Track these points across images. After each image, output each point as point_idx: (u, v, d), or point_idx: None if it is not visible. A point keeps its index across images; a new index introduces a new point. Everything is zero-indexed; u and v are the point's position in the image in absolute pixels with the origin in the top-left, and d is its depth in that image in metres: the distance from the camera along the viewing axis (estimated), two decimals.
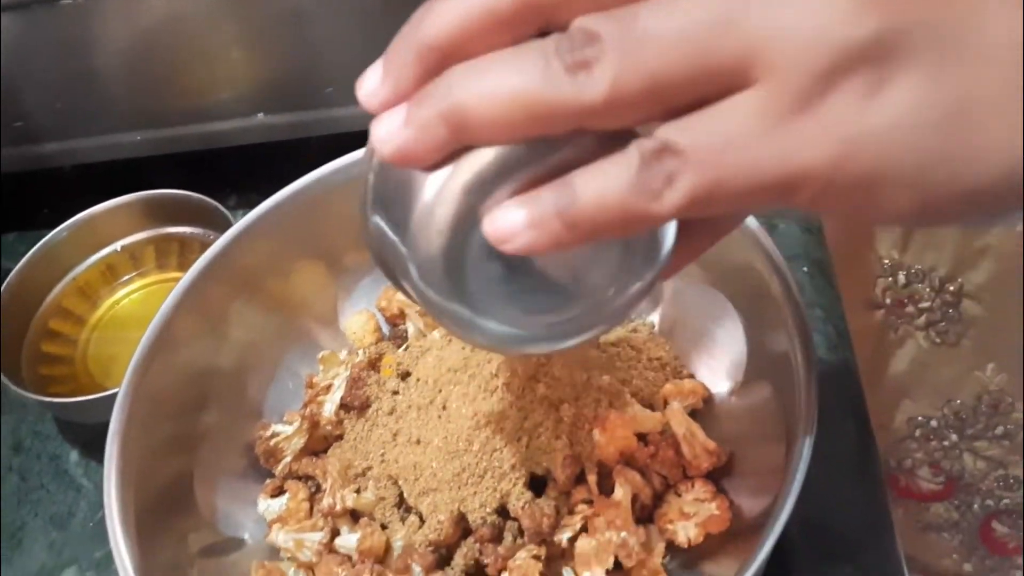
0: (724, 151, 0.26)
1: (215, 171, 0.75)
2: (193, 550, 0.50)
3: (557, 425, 0.50)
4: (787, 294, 0.47)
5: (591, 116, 0.26)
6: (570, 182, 0.27)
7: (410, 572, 0.49)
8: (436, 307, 0.32)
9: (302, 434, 0.55)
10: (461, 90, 0.27)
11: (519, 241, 0.27)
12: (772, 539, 0.40)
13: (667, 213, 0.26)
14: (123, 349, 0.69)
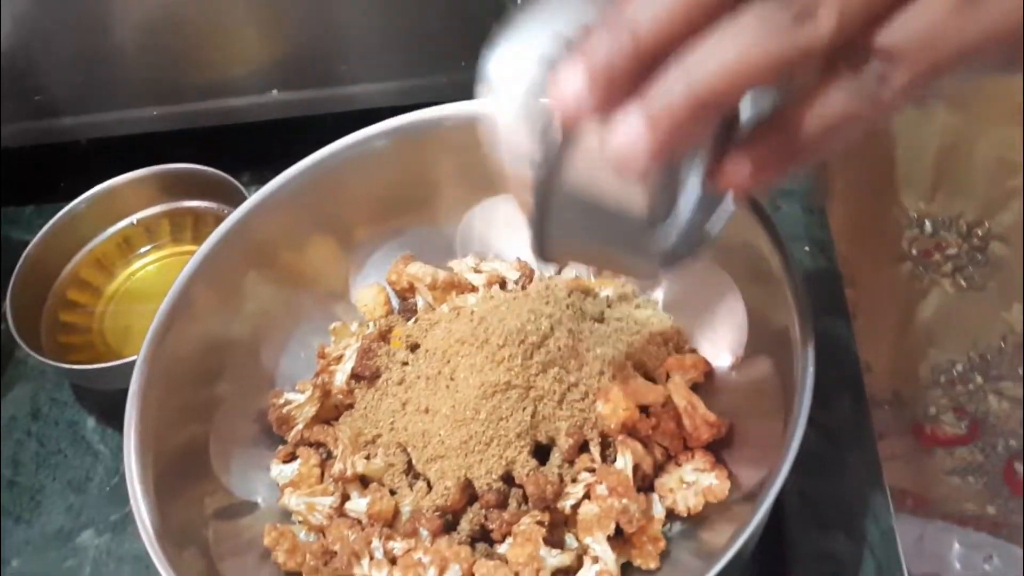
0: (933, 41, 0.29)
1: (229, 147, 0.76)
2: (208, 512, 0.52)
3: (562, 396, 0.52)
4: (788, 271, 0.48)
5: (819, 54, 0.28)
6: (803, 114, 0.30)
7: (418, 536, 0.51)
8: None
9: (314, 402, 0.56)
10: (701, 74, 0.28)
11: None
12: (766, 505, 0.42)
13: (891, 107, 0.30)
14: (139, 320, 0.70)
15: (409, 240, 0.63)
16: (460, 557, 0.48)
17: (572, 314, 0.54)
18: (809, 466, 0.51)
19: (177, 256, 0.74)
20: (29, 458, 0.66)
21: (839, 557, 0.51)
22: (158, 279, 0.73)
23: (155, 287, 0.72)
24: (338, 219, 0.62)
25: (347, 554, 0.49)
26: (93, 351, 0.68)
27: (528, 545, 0.48)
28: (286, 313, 0.61)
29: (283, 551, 0.51)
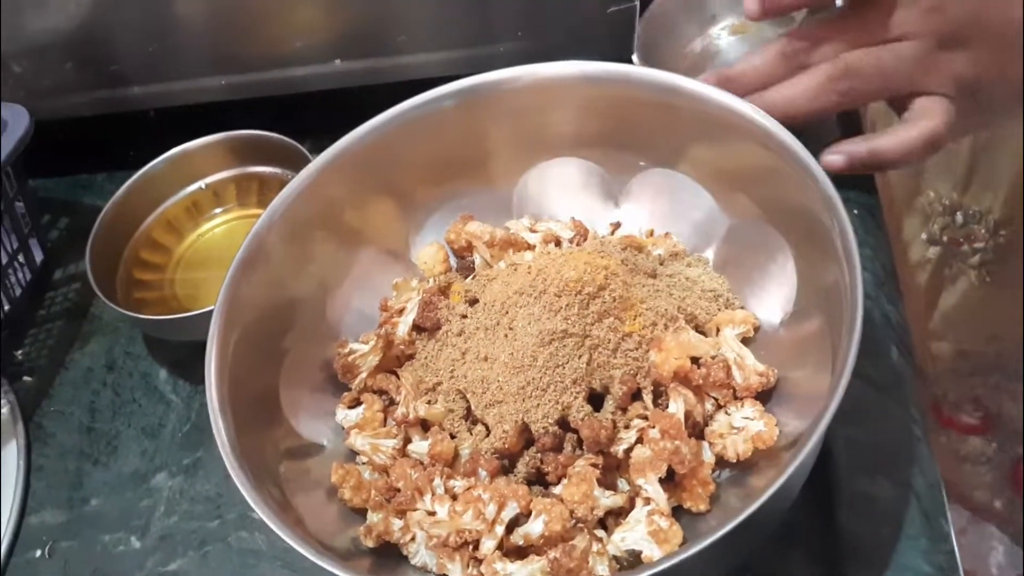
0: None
1: (291, 116, 0.79)
2: (281, 450, 0.55)
3: (616, 345, 0.54)
4: (839, 229, 0.50)
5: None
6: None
7: (477, 476, 0.53)
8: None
9: (377, 352, 0.59)
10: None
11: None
12: (811, 444, 0.44)
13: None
14: (206, 278, 0.74)
15: (467, 201, 0.66)
16: (518, 494, 0.51)
17: (626, 268, 0.56)
18: (855, 415, 0.53)
19: (243, 219, 0.77)
20: (106, 406, 0.69)
21: (885, 501, 0.53)
22: (225, 240, 0.76)
23: (222, 248, 0.76)
24: (399, 180, 0.64)
25: (411, 490, 0.52)
26: (165, 306, 0.72)
27: (583, 484, 0.50)
28: (350, 269, 0.63)
29: (349, 488, 0.54)
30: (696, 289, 0.58)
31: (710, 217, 0.61)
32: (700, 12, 0.78)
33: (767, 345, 0.57)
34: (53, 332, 0.75)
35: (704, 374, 0.54)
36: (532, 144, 0.64)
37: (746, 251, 0.59)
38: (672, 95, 0.59)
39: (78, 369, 0.72)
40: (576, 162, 0.65)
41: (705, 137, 0.59)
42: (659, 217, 0.64)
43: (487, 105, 0.63)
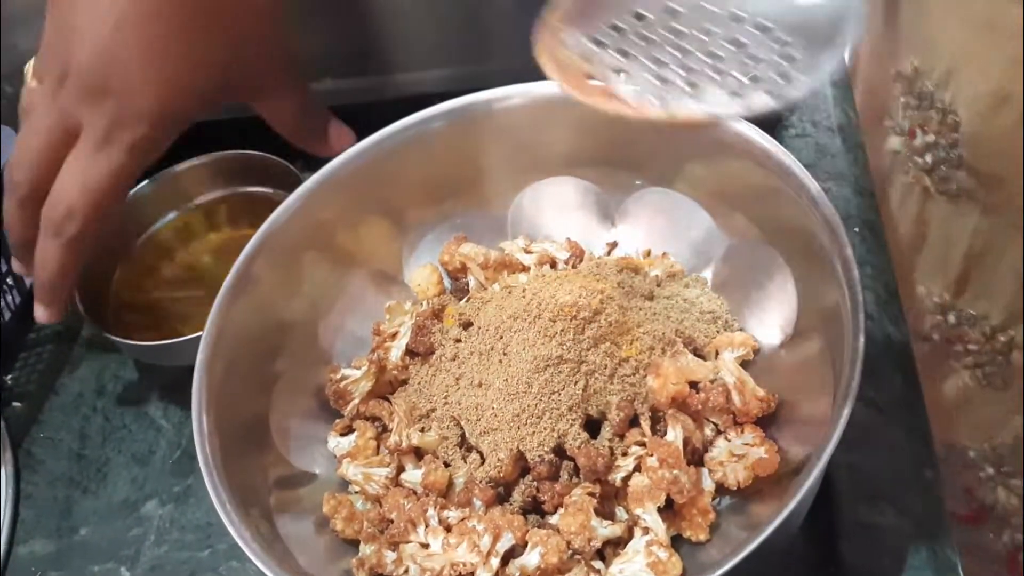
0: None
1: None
2: (270, 481, 0.54)
3: (613, 370, 0.53)
4: (839, 250, 0.49)
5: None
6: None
7: (471, 505, 0.52)
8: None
9: (370, 377, 0.58)
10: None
11: None
12: (814, 476, 0.43)
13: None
14: (197, 302, 0.72)
15: (461, 222, 0.65)
16: (514, 525, 0.49)
17: (623, 291, 0.55)
18: (858, 441, 0.52)
19: (235, 240, 0.76)
20: (96, 432, 0.68)
21: (889, 530, 0.51)
22: (218, 262, 0.75)
23: (215, 270, 0.74)
24: (392, 201, 0.63)
25: (403, 521, 0.51)
26: (156, 331, 0.70)
27: (580, 515, 0.49)
28: (342, 292, 0.62)
29: (341, 519, 0.53)
30: (694, 311, 0.57)
31: (708, 237, 0.60)
32: None
33: (767, 368, 0.56)
34: (43, 356, 0.74)
35: (703, 399, 0.53)
36: (526, 163, 0.64)
37: (745, 272, 0.58)
38: None
39: (68, 394, 0.71)
40: (571, 181, 0.64)
41: (702, 156, 0.58)
42: (656, 237, 0.63)
43: (480, 125, 0.62)
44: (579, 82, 0.43)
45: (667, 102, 0.41)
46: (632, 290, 0.56)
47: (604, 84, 0.42)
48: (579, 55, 0.43)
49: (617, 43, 0.44)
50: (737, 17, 0.43)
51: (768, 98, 0.40)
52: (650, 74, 0.42)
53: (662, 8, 0.44)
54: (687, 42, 0.43)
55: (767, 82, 0.40)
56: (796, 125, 0.72)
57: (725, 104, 0.41)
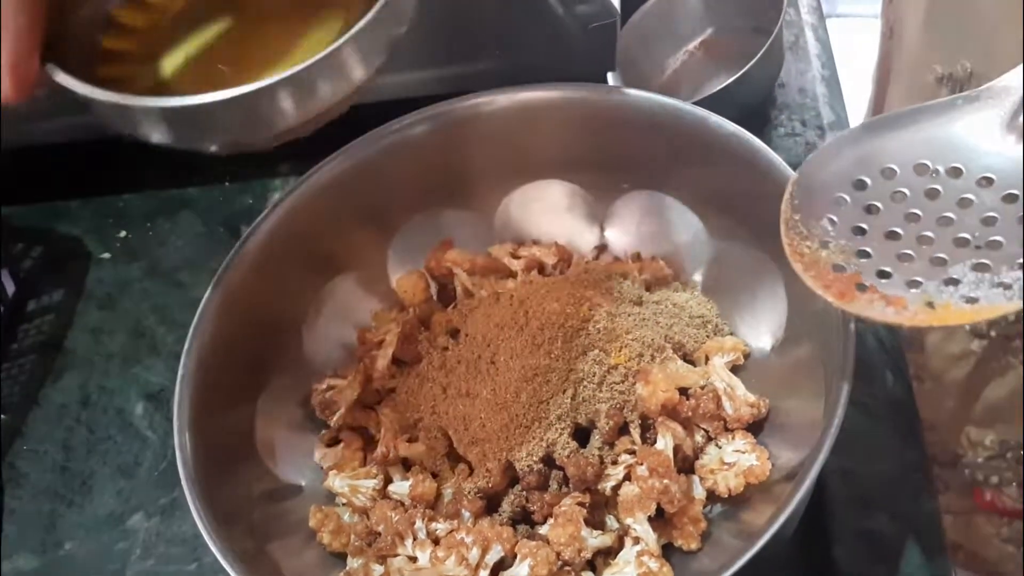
0: None
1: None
2: (255, 494, 0.53)
3: (602, 378, 0.52)
4: None
5: None
6: None
7: (460, 517, 0.51)
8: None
9: (356, 387, 0.57)
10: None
11: None
12: (807, 485, 0.42)
13: None
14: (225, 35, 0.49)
15: (447, 226, 0.64)
16: (502, 537, 0.49)
17: (611, 297, 0.55)
18: (851, 446, 0.51)
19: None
20: (80, 444, 0.67)
21: (882, 537, 0.51)
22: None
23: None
24: (378, 206, 0.62)
25: (391, 534, 0.50)
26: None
27: (569, 525, 0.48)
28: (327, 299, 0.61)
29: (328, 532, 0.52)
30: (684, 316, 0.57)
31: (697, 240, 0.59)
32: (677, 27, 0.76)
33: (757, 373, 0.55)
34: (26, 367, 0.72)
35: (693, 406, 0.52)
36: (513, 167, 0.63)
37: (735, 275, 0.58)
38: (654, 116, 0.57)
39: (52, 405, 0.70)
40: (559, 184, 0.63)
41: (690, 158, 0.57)
42: (645, 240, 0.62)
43: (466, 128, 0.61)
44: (828, 280, 0.42)
45: (932, 303, 0.40)
46: (620, 296, 0.56)
47: (851, 274, 0.42)
48: (818, 244, 0.43)
49: (847, 220, 0.43)
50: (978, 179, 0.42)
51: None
52: (892, 259, 0.41)
53: (882, 173, 0.43)
54: (916, 209, 0.42)
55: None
56: (785, 124, 0.71)
57: (1000, 300, 0.39)
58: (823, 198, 0.43)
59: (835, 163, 0.44)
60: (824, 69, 0.75)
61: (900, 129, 0.44)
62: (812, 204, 0.43)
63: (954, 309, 0.39)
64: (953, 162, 0.42)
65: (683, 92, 0.75)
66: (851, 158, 0.44)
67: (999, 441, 0.77)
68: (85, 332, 0.74)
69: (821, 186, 0.44)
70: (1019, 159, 0.41)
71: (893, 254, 0.41)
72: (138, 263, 0.77)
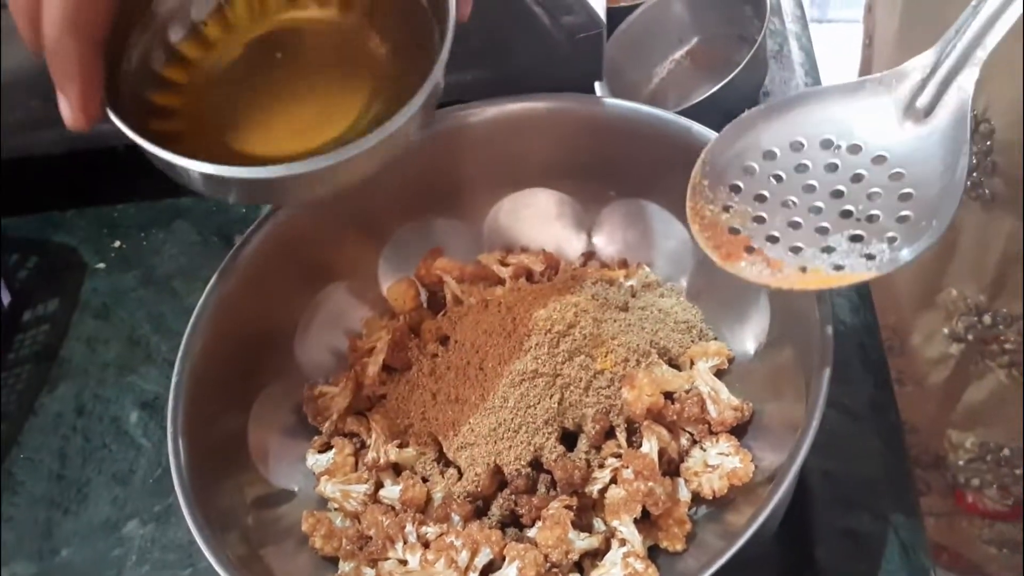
0: None
1: None
2: (248, 500, 0.54)
3: (588, 383, 0.53)
4: None
5: None
6: None
7: (450, 521, 0.52)
8: None
9: (347, 394, 0.58)
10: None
11: None
12: (787, 484, 0.43)
13: None
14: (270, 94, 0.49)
15: (437, 234, 0.65)
16: (491, 540, 0.50)
17: (597, 303, 0.56)
18: (833, 447, 0.53)
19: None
20: (76, 452, 0.68)
21: (864, 536, 0.52)
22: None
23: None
24: (368, 215, 0.63)
25: (382, 538, 0.51)
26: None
27: (557, 528, 0.49)
28: (319, 307, 0.62)
29: (320, 536, 0.53)
30: (669, 321, 0.57)
31: (682, 247, 0.60)
32: (665, 36, 0.77)
33: (741, 377, 0.56)
34: (21, 376, 0.73)
35: (678, 410, 0.53)
36: (501, 176, 0.64)
37: (719, 281, 0.58)
38: (640, 125, 0.58)
39: (47, 414, 0.71)
40: (546, 193, 0.64)
41: (674, 167, 0.57)
42: (631, 247, 0.63)
43: (455, 138, 0.62)
44: (720, 241, 0.45)
45: (806, 267, 0.43)
46: (607, 302, 0.57)
47: (743, 237, 0.45)
48: (720, 208, 0.46)
49: (752, 187, 0.46)
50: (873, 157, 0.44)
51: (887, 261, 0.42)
52: (784, 226, 0.44)
53: (790, 145, 0.46)
54: (814, 180, 0.45)
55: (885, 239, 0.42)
56: None
57: (861, 269, 0.42)
58: (733, 166, 0.46)
59: (749, 134, 0.47)
60: (807, 77, 0.76)
61: (813, 105, 0.46)
62: (722, 171, 0.46)
63: (822, 275, 0.42)
64: (854, 139, 0.45)
65: (670, 100, 0.76)
66: (764, 130, 0.47)
67: (979, 443, 0.78)
68: (80, 341, 0.75)
69: (733, 154, 0.47)
70: (909, 140, 0.44)
71: (785, 221, 0.44)
72: (133, 272, 0.78)
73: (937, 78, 0.44)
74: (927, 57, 0.44)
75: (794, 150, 0.46)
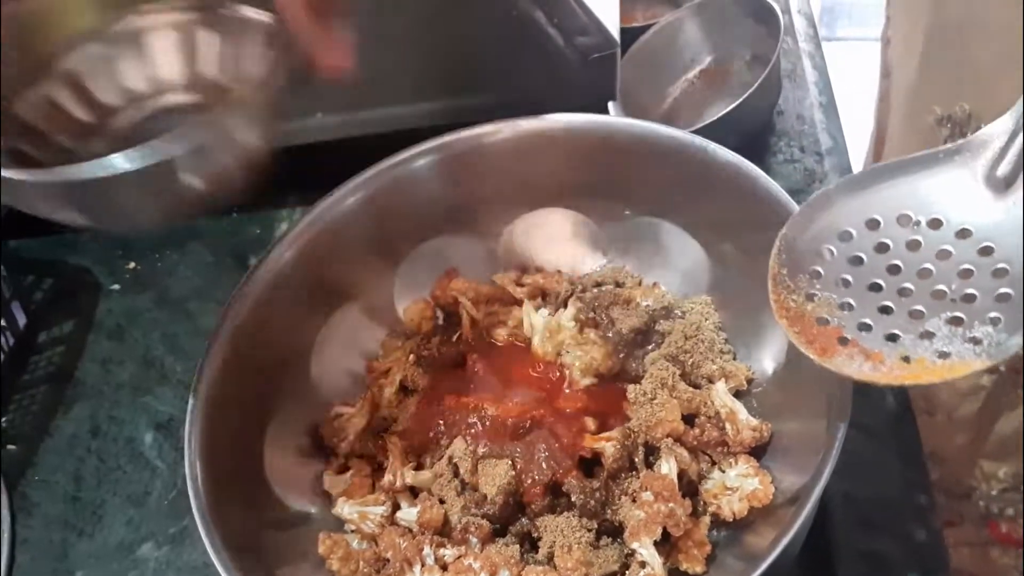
0: None
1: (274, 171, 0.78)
2: (264, 522, 0.53)
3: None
4: None
5: None
6: None
7: (468, 543, 0.52)
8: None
9: (364, 415, 0.58)
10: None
11: None
12: (808, 508, 0.43)
13: None
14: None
15: (453, 255, 0.65)
16: (510, 563, 0.49)
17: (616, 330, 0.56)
18: (852, 467, 0.52)
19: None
20: (91, 474, 0.68)
21: (885, 558, 0.51)
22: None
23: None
24: (384, 236, 0.63)
25: (399, 560, 0.51)
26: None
27: (576, 551, 0.49)
28: (335, 329, 0.62)
29: (337, 559, 0.52)
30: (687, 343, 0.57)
31: (697, 266, 0.60)
32: (678, 56, 0.78)
33: (760, 397, 0.56)
34: (37, 398, 0.73)
35: (697, 435, 0.53)
36: (516, 196, 0.64)
37: (736, 301, 0.58)
38: (654, 145, 0.58)
39: (62, 436, 0.71)
40: (561, 212, 0.64)
41: (689, 186, 0.58)
42: (647, 266, 0.63)
43: (470, 159, 0.62)
44: (812, 335, 0.42)
45: (908, 357, 0.40)
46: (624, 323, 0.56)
47: (835, 328, 0.42)
48: (804, 298, 0.43)
49: (833, 272, 0.43)
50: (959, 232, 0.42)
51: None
52: (873, 311, 0.42)
53: (866, 224, 0.44)
54: (898, 260, 0.43)
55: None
56: (784, 151, 0.72)
57: (970, 356, 0.39)
58: (810, 250, 0.44)
59: (822, 215, 0.45)
60: (821, 96, 0.76)
61: (884, 181, 0.44)
62: (799, 257, 0.44)
63: (928, 365, 0.40)
64: (934, 214, 0.43)
65: (683, 120, 0.76)
66: (837, 210, 0.44)
67: (1013, 473, 0.77)
68: (95, 362, 0.75)
69: (809, 238, 0.44)
70: (994, 212, 0.41)
71: (875, 307, 0.42)
72: (147, 294, 0.78)
73: (1016, 145, 0.41)
74: (1005, 122, 0.42)
75: (871, 229, 0.44)
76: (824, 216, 0.44)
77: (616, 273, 0.62)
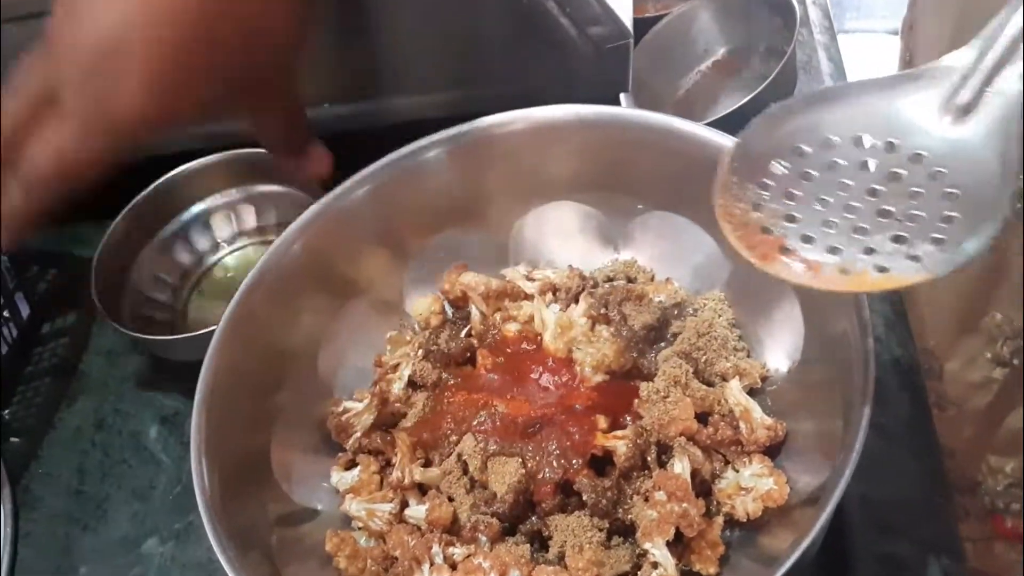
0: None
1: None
2: (271, 518, 0.53)
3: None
4: None
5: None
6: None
7: (477, 542, 0.51)
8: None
9: (372, 411, 0.57)
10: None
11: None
12: (827, 512, 0.42)
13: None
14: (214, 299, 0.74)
15: (462, 249, 0.64)
16: (520, 562, 0.48)
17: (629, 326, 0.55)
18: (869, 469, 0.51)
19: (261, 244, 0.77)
20: (95, 467, 0.67)
21: (903, 561, 0.50)
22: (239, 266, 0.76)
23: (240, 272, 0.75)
24: (393, 230, 0.62)
25: (408, 559, 0.50)
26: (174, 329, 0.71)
27: (587, 551, 0.48)
28: (343, 323, 0.61)
29: (344, 556, 0.52)
30: (701, 340, 0.56)
31: (712, 261, 0.59)
32: (691, 47, 0.76)
33: (774, 395, 0.55)
34: (40, 390, 0.73)
35: (711, 433, 0.52)
36: (527, 189, 0.63)
37: (750, 297, 0.57)
38: (667, 137, 0.57)
39: (66, 428, 0.70)
40: (573, 206, 0.63)
41: (703, 179, 0.57)
42: (659, 261, 0.62)
43: (480, 151, 0.61)
44: (754, 241, 0.43)
45: (847, 270, 0.41)
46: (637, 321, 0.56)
47: (777, 237, 0.42)
48: (750, 206, 0.44)
49: (783, 186, 0.44)
50: (911, 156, 0.42)
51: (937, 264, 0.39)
52: (817, 226, 0.42)
53: (820, 143, 0.44)
54: (849, 180, 0.43)
55: (927, 242, 0.40)
56: None
57: (909, 272, 0.39)
58: (762, 163, 0.44)
59: (777, 130, 0.45)
60: None
61: (843, 101, 0.44)
62: (751, 168, 0.44)
63: (866, 277, 0.40)
64: (889, 137, 0.43)
65: (696, 112, 0.75)
66: (793, 126, 0.44)
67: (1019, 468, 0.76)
68: (99, 355, 0.74)
69: (762, 151, 0.44)
70: (950, 139, 0.42)
71: (819, 221, 0.42)
72: None
73: (979, 75, 0.41)
74: (967, 53, 0.42)
75: (824, 147, 0.44)
76: (779, 130, 0.45)
77: (628, 268, 0.62)
